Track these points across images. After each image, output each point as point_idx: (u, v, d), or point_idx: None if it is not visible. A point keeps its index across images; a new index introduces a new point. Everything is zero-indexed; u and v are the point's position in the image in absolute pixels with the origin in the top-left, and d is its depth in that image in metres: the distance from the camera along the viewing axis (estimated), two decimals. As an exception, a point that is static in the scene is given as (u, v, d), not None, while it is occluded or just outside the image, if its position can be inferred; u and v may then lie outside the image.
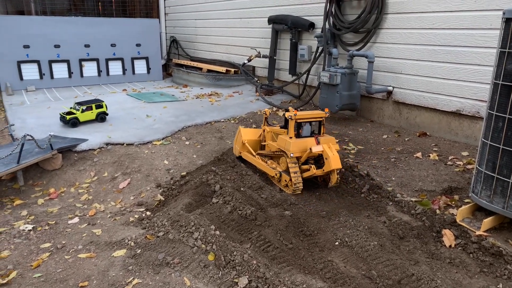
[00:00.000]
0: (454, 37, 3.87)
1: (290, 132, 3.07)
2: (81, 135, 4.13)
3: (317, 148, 2.96)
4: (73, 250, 2.42)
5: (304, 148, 3.01)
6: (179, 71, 7.68)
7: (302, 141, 3.03)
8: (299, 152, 3.02)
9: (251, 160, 3.48)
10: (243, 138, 3.51)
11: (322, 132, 3.20)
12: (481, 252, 2.24)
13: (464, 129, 3.95)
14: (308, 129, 3.15)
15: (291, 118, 3.03)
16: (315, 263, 2.23)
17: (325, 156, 2.93)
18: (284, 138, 3.08)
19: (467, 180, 3.04)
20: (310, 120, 3.12)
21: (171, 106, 5.53)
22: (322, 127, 3.19)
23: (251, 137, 3.55)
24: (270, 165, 3.28)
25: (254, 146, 3.55)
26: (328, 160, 2.90)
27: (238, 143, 3.60)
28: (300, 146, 3.01)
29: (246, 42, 7.06)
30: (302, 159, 3.06)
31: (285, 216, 2.68)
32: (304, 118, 3.08)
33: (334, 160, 2.89)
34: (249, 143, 3.51)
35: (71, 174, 3.62)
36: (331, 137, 3.14)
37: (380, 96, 4.73)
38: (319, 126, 3.19)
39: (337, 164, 2.89)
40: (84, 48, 7.24)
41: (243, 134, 3.54)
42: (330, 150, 2.93)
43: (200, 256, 2.25)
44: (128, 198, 3.29)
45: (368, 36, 4.69)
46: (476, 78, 3.75)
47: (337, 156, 2.92)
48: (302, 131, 3.12)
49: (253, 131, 3.60)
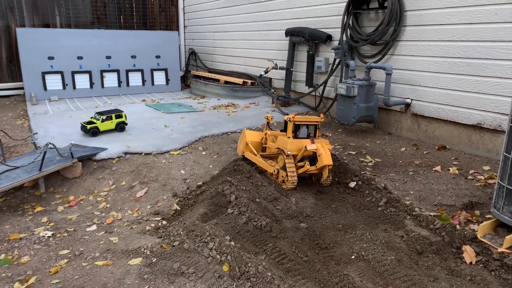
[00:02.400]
0: (474, 50, 3.82)
1: (288, 133, 3.34)
2: (100, 144, 4.21)
3: (312, 146, 3.22)
4: (91, 257, 2.46)
5: (300, 147, 3.28)
6: (197, 82, 7.79)
7: (299, 141, 3.29)
8: (295, 151, 3.28)
9: (252, 159, 3.67)
10: (247, 139, 3.72)
11: (318, 135, 3.47)
12: (503, 269, 2.17)
13: (485, 143, 3.86)
14: (305, 132, 3.42)
15: (290, 120, 3.32)
16: (330, 277, 2.19)
17: (318, 153, 3.18)
18: (282, 138, 3.36)
19: (489, 195, 2.96)
20: (306, 123, 3.40)
21: (189, 116, 5.60)
22: (318, 131, 3.46)
23: (254, 138, 3.76)
24: (270, 163, 3.49)
25: (256, 147, 3.76)
26: (320, 156, 3.15)
27: (242, 144, 3.79)
28: (297, 145, 3.28)
29: (263, 54, 7.13)
30: (298, 157, 3.31)
31: (301, 228, 2.66)
32: (301, 121, 3.37)
33: (326, 157, 3.14)
34: (251, 144, 3.72)
35: (90, 182, 3.69)
36: (325, 140, 3.37)
37: (398, 108, 4.68)
38: (315, 130, 3.46)
39: (328, 161, 3.14)
40: (106, 59, 7.44)
41: (247, 135, 3.74)
42: (323, 149, 3.19)
43: (214, 266, 2.25)
44: (145, 207, 3.33)
45: (386, 48, 4.67)
46: (497, 91, 3.67)
47: (329, 153, 3.17)
48: (299, 133, 3.39)
49: (256, 134, 3.81)
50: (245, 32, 7.58)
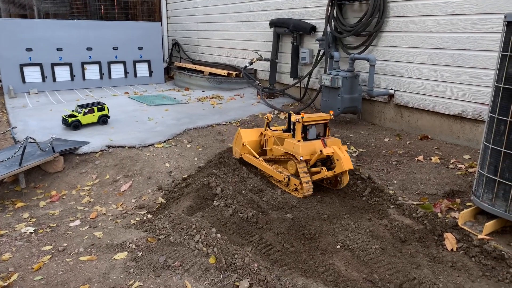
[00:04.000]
0: (455, 41, 3.88)
1: (297, 135, 3.05)
2: (83, 138, 4.13)
3: (328, 150, 2.93)
4: (74, 252, 2.42)
5: (313, 150, 3.00)
6: (181, 74, 7.70)
7: (310, 144, 3.02)
8: (308, 155, 3.00)
9: (254, 163, 3.45)
10: (243, 140, 3.49)
11: (327, 134, 3.20)
12: (483, 255, 2.23)
13: (466, 133, 3.95)
14: (314, 132, 3.15)
15: (298, 121, 3.02)
16: (316, 267, 2.22)
17: (336, 157, 2.89)
18: (291, 142, 3.06)
19: (469, 183, 3.04)
20: (316, 123, 3.12)
21: (173, 109, 5.54)
22: (327, 129, 3.18)
23: (250, 138, 3.53)
24: (275, 169, 3.25)
25: (253, 147, 3.53)
26: (340, 161, 2.86)
27: (238, 145, 3.57)
28: (309, 149, 3.00)
29: (248, 45, 7.08)
30: (311, 162, 3.03)
31: (287, 219, 2.68)
32: (310, 121, 3.07)
33: (346, 161, 2.86)
34: (250, 145, 3.49)
35: (73, 177, 3.62)
36: (336, 139, 3.14)
37: (381, 99, 4.73)
38: (324, 129, 3.19)
39: (349, 165, 2.86)
40: (87, 51, 7.27)
41: (243, 135, 3.52)
42: (341, 151, 2.90)
43: (201, 259, 2.25)
44: (129, 200, 3.29)
45: (370, 39, 4.69)
46: (477, 82, 3.75)
47: (348, 157, 2.89)
48: (308, 133, 3.11)
49: (252, 132, 3.58)
50: (229, 23, 7.51)
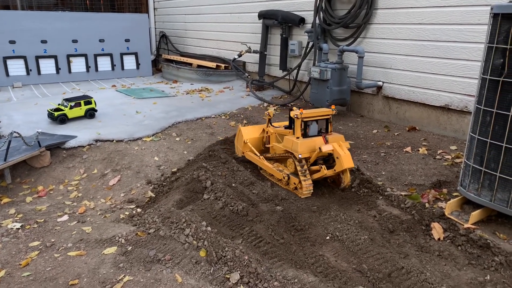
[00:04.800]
0: (442, 32, 3.91)
1: (297, 132, 2.90)
2: (69, 132, 4.07)
3: (327, 148, 2.78)
4: (63, 248, 2.40)
5: (313, 148, 2.86)
6: (169, 66, 7.62)
7: (310, 141, 2.87)
8: (307, 153, 2.86)
9: (255, 161, 3.35)
10: (244, 138, 3.37)
11: (330, 130, 3.04)
12: (469, 244, 2.28)
13: (452, 124, 4.00)
14: (315, 128, 2.98)
15: (297, 117, 2.86)
16: (306, 258, 2.24)
17: (336, 155, 2.76)
18: (290, 139, 2.93)
19: (456, 174, 3.08)
20: (316, 119, 2.95)
21: (161, 102, 5.49)
22: (330, 125, 3.03)
23: (252, 135, 3.41)
24: (277, 167, 3.14)
25: (255, 144, 3.42)
26: (339, 159, 2.74)
27: (240, 143, 3.45)
28: (308, 146, 2.86)
29: (237, 37, 7.03)
30: (311, 160, 2.90)
31: (277, 211, 2.69)
32: (310, 117, 2.92)
33: (346, 159, 2.72)
34: (251, 141, 3.38)
35: (60, 172, 3.57)
36: (339, 135, 3.01)
37: (370, 91, 4.76)
38: (326, 124, 3.03)
39: (349, 163, 2.74)
40: (72, 43, 7.13)
41: (244, 133, 3.39)
42: (341, 149, 2.77)
43: (191, 252, 2.24)
44: (118, 195, 3.26)
45: (358, 31, 4.70)
46: (464, 73, 3.79)
47: (349, 154, 2.75)
48: (309, 130, 2.96)
49: (253, 129, 3.45)
50: (217, 14, 7.43)
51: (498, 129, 2.24)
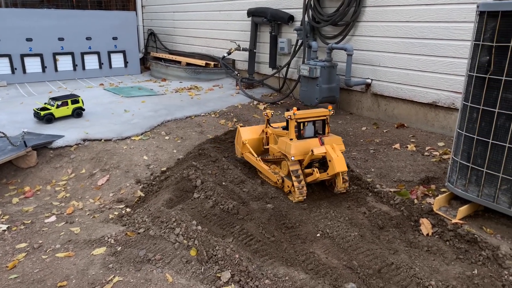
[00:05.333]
0: (430, 30, 3.95)
1: (291, 133, 2.82)
2: (56, 131, 4.01)
3: (319, 150, 2.69)
4: (51, 249, 2.36)
5: (307, 150, 2.77)
6: (158, 64, 7.56)
7: (304, 143, 2.78)
8: (300, 155, 2.78)
9: (253, 163, 3.26)
10: (243, 138, 3.28)
11: (327, 131, 2.95)
12: (457, 239, 2.31)
13: (440, 120, 4.05)
14: (311, 129, 2.90)
15: (291, 118, 2.77)
16: (297, 255, 2.24)
17: (328, 158, 2.68)
18: (284, 140, 2.84)
19: (443, 170, 3.12)
20: (312, 119, 2.87)
21: (150, 100, 5.44)
22: (327, 126, 2.93)
23: (251, 136, 3.30)
24: (273, 170, 3.07)
25: (255, 145, 3.31)
26: (331, 162, 2.65)
27: (239, 144, 3.37)
28: (302, 148, 2.77)
29: (226, 35, 7.00)
30: (304, 162, 2.81)
31: (267, 209, 2.69)
32: (305, 118, 2.82)
33: (338, 162, 2.63)
34: (249, 142, 3.29)
35: (47, 172, 3.51)
36: (337, 136, 2.92)
37: (359, 88, 4.79)
38: (323, 126, 2.94)
39: (341, 167, 2.64)
40: (58, 41, 7.02)
41: (242, 133, 3.30)
42: (334, 151, 2.67)
43: (182, 251, 2.23)
44: (107, 195, 3.23)
45: (347, 29, 4.72)
46: (451, 70, 3.84)
47: (342, 157, 2.66)
48: (304, 131, 2.88)
49: (252, 130, 3.35)
50: (206, 12, 7.39)
51: (484, 125, 2.27)
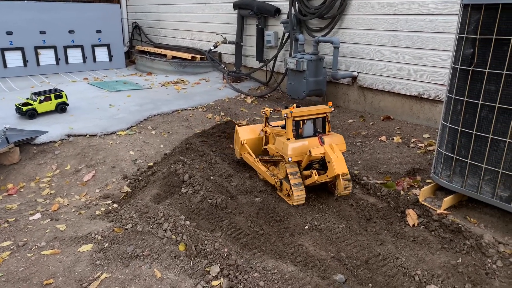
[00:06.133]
0: (415, 23, 3.98)
1: (288, 133, 2.66)
2: (40, 127, 3.93)
3: (317, 151, 2.52)
4: (36, 247, 2.32)
5: (305, 150, 2.60)
6: (143, 58, 7.45)
7: (303, 143, 2.63)
8: (298, 156, 2.62)
9: (251, 164, 3.12)
10: (241, 139, 3.14)
11: (328, 129, 2.77)
12: (442, 229, 2.35)
13: (425, 112, 4.10)
14: (310, 128, 2.74)
15: (287, 117, 2.61)
16: (285, 248, 2.26)
17: (327, 159, 2.52)
18: (281, 140, 2.68)
19: (429, 161, 3.17)
20: (310, 117, 2.70)
21: (135, 94, 5.37)
22: (327, 124, 2.76)
23: (249, 135, 3.15)
24: (272, 171, 2.91)
25: (255, 145, 3.15)
26: (330, 163, 2.50)
27: (237, 144, 3.22)
28: (300, 149, 2.61)
29: (212, 28, 6.94)
30: (302, 164, 2.65)
31: (256, 202, 2.69)
32: (303, 115, 2.66)
33: (337, 164, 2.47)
34: (248, 143, 3.13)
35: (31, 168, 3.45)
36: (338, 135, 2.75)
37: (345, 81, 4.81)
38: (323, 123, 2.77)
39: (341, 169, 2.48)
40: (40, 35, 6.85)
41: (241, 133, 3.16)
42: (333, 152, 2.51)
43: (170, 247, 2.22)
44: (93, 191, 3.19)
45: (333, 22, 4.72)
46: (436, 63, 3.88)
47: (342, 158, 2.51)
48: (303, 130, 2.72)
49: (251, 129, 3.20)
50: (192, 4, 7.30)
51: (468, 117, 2.31)
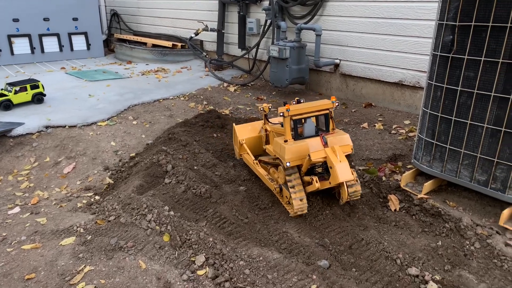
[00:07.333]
0: (395, 10, 3.99)
1: (286, 133, 2.34)
2: (16, 119, 3.81)
3: (317, 155, 2.21)
4: (16, 241, 2.27)
5: (306, 152, 2.28)
6: (122, 46, 7.27)
7: (303, 144, 2.29)
8: (298, 160, 2.28)
9: (251, 166, 2.87)
10: (240, 138, 2.89)
11: (331, 127, 2.44)
12: (422, 213, 2.41)
13: (406, 99, 4.16)
14: (311, 127, 2.43)
15: (284, 115, 2.29)
16: (270, 236, 2.27)
17: (329, 164, 2.20)
18: (279, 142, 2.36)
19: (410, 147, 3.23)
20: (311, 115, 2.37)
21: (115, 84, 5.25)
22: (331, 121, 2.43)
23: (248, 134, 2.91)
24: (272, 175, 2.64)
25: (255, 144, 2.92)
26: (333, 169, 2.17)
27: (237, 144, 2.99)
28: (300, 151, 2.28)
29: (193, 15, 6.81)
30: (303, 169, 2.33)
31: (240, 191, 2.69)
32: (302, 113, 2.34)
33: (341, 170, 2.15)
34: (248, 142, 2.90)
35: (8, 161, 3.35)
36: (343, 134, 2.42)
37: (328, 69, 4.82)
38: (326, 121, 2.44)
39: (345, 176, 2.15)
40: (13, 23, 6.59)
41: (239, 132, 2.92)
42: (335, 155, 2.18)
43: (154, 237, 2.20)
44: (74, 183, 3.12)
45: (315, 9, 4.70)
46: (416, 50, 3.92)
47: (346, 163, 2.18)
48: (303, 129, 2.41)
49: (250, 127, 2.95)
50: (172, -9, 7.14)
51: (448, 103, 2.35)
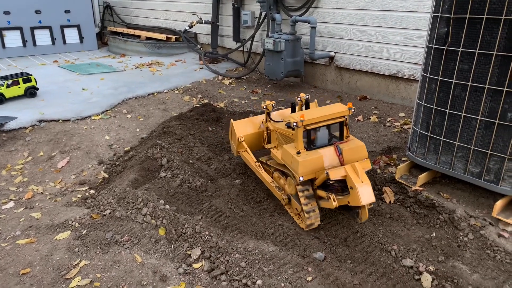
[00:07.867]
0: (390, 2, 3.98)
1: (298, 144, 2.12)
2: (8, 113, 3.77)
3: (337, 173, 2.00)
4: (10, 236, 2.26)
5: (319, 165, 2.08)
6: (115, 39, 7.20)
7: (318, 157, 2.08)
8: (311, 173, 2.09)
9: (252, 167, 2.71)
10: (238, 135, 2.70)
11: (346, 135, 2.23)
12: (416, 205, 2.43)
13: (400, 92, 4.17)
14: (325, 135, 2.21)
15: (297, 126, 2.07)
16: (266, 228, 2.28)
17: (349, 184, 2.00)
18: (289, 152, 2.14)
19: (404, 139, 3.24)
20: (326, 123, 2.16)
21: (109, 77, 5.21)
22: (345, 128, 2.20)
23: (247, 130, 2.73)
24: (276, 180, 2.48)
25: (254, 141, 2.75)
26: (354, 191, 1.96)
27: (234, 140, 2.78)
28: (313, 163, 2.08)
29: (187, 7, 6.75)
30: (317, 182, 2.15)
31: (235, 185, 2.69)
32: (317, 122, 2.13)
33: (364, 192, 1.94)
34: (247, 139, 2.71)
35: (1, 156, 3.32)
36: (358, 142, 2.19)
37: (323, 62, 4.81)
38: (340, 128, 2.23)
39: (368, 198, 1.95)
40: (4, 15, 6.49)
41: (237, 128, 2.72)
42: (357, 175, 1.98)
43: (150, 231, 2.20)
44: (68, 177, 3.11)
45: (310, 1, 4.67)
46: (411, 42, 3.92)
47: (368, 183, 1.97)
48: (316, 138, 2.19)
49: (249, 122, 2.76)
50: (165, -17, 7.07)
51: (442, 96, 2.35)
